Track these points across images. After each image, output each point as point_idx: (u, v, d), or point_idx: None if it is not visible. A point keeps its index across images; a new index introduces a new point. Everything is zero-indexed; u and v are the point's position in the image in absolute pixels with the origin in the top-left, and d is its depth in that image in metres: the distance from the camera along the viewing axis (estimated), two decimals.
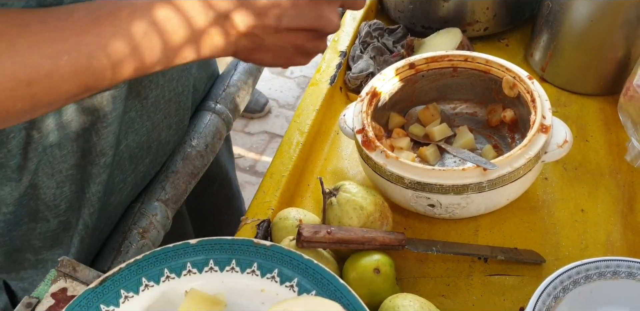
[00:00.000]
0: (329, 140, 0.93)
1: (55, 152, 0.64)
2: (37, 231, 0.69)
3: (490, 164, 0.68)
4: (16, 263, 0.71)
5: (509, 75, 0.80)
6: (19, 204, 0.65)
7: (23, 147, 0.61)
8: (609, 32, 0.88)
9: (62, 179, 0.66)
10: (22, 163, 0.62)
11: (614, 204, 0.80)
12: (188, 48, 0.52)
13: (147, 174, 0.78)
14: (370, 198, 0.72)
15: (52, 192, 0.66)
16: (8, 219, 0.65)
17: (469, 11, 1.00)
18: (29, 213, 0.67)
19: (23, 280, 0.74)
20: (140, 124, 0.72)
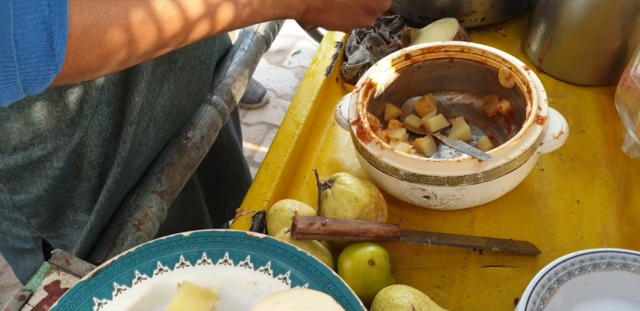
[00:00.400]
0: (325, 131, 0.93)
1: (104, 109, 0.67)
2: (79, 190, 0.72)
3: (485, 156, 0.68)
4: (57, 221, 0.75)
5: (505, 66, 0.80)
6: (67, 160, 0.68)
7: (79, 104, 0.64)
8: (606, 23, 0.87)
9: (107, 137, 0.69)
10: (77, 119, 0.65)
11: (609, 196, 0.79)
12: (267, 6, 0.56)
13: (163, 140, 0.80)
14: (365, 190, 0.72)
15: (97, 150, 0.69)
16: (56, 175, 0.68)
17: (466, 1, 0.99)
18: (74, 171, 0.70)
19: (62, 237, 0.77)
20: (167, 88, 0.74)
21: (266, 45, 1.04)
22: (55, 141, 0.65)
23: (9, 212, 0.72)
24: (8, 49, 0.42)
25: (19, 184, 0.68)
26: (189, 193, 0.89)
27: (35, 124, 0.63)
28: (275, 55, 2.56)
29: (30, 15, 0.42)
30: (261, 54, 1.02)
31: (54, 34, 0.43)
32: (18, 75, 0.43)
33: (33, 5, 0.42)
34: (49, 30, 0.43)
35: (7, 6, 0.41)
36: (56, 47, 0.44)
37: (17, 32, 0.42)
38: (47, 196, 0.70)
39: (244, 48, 0.97)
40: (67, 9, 0.43)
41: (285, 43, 2.59)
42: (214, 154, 0.93)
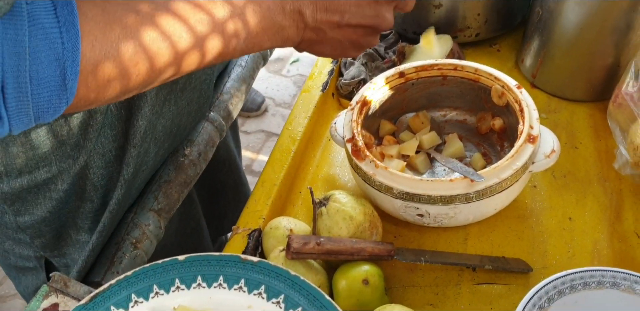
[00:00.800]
0: (321, 146, 0.94)
1: (108, 132, 0.69)
2: (81, 210, 0.73)
3: (477, 176, 0.69)
4: (60, 240, 0.76)
5: (498, 84, 0.81)
6: (72, 182, 0.69)
7: (84, 128, 0.66)
8: (598, 40, 0.89)
9: (110, 159, 0.71)
10: (81, 142, 0.67)
11: (601, 212, 0.80)
12: (265, 38, 0.59)
13: (162, 158, 0.81)
14: (359, 208, 0.73)
15: (100, 172, 0.71)
16: (60, 197, 0.70)
17: (460, 17, 1.01)
18: (77, 192, 0.71)
19: (65, 256, 0.78)
20: (168, 109, 0.75)
21: (263, 60, 1.05)
22: (60, 164, 0.67)
23: (12, 232, 0.73)
24: (23, 85, 0.44)
25: (23, 206, 0.69)
26: (186, 207, 0.90)
27: (40, 148, 0.64)
28: (274, 63, 2.57)
29: (44, 52, 0.44)
30: (258, 70, 1.03)
31: (67, 70, 0.45)
32: (31, 108, 0.45)
33: (47, 43, 0.44)
34: (62, 66, 0.45)
35: (23, 45, 0.43)
36: (68, 82, 0.46)
37: (32, 69, 0.44)
38: (51, 217, 0.71)
39: (241, 64, 0.98)
40: (79, 46, 0.45)
41: (284, 52, 2.60)
42: (212, 168, 0.95)
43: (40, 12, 0.44)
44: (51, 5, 0.45)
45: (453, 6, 0.99)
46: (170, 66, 0.53)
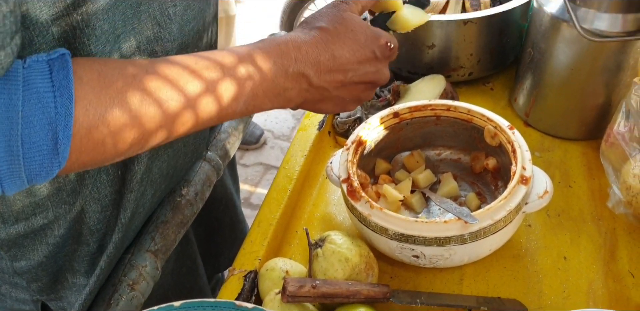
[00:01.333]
0: (318, 185, 0.95)
1: (104, 177, 0.69)
2: (78, 253, 0.73)
3: (471, 218, 0.70)
4: (57, 284, 0.76)
5: (490, 125, 0.82)
6: (68, 227, 0.70)
7: (81, 174, 0.66)
8: (589, 80, 0.90)
9: (106, 203, 0.71)
10: (78, 187, 0.67)
11: (595, 252, 0.81)
12: (266, 100, 0.59)
13: (159, 199, 0.82)
14: (355, 249, 0.73)
15: (96, 217, 0.71)
16: (57, 242, 0.70)
17: (453, 57, 1.03)
18: (74, 236, 0.71)
19: (61, 299, 0.78)
20: (164, 151, 0.76)
21: None
22: (57, 210, 0.67)
23: (9, 277, 0.73)
24: (15, 149, 0.45)
25: (19, 252, 0.70)
26: (183, 247, 0.90)
27: (37, 195, 0.65)
28: None
29: (37, 116, 0.45)
30: None
31: (59, 134, 0.46)
32: (23, 171, 0.46)
33: (41, 107, 0.45)
34: (54, 130, 0.46)
35: (16, 109, 0.44)
36: (60, 146, 0.46)
37: (24, 132, 0.45)
38: (48, 261, 0.71)
39: None
40: (72, 110, 0.46)
41: None
42: (209, 206, 0.95)
43: (35, 76, 0.45)
44: (47, 69, 0.46)
45: (446, 47, 1.01)
46: (164, 130, 0.53)
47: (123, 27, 0.57)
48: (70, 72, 0.46)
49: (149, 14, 0.60)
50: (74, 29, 0.52)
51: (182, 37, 0.66)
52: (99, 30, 0.53)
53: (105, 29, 0.54)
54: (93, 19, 0.52)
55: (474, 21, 0.98)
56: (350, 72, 0.63)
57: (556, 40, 0.88)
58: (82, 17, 0.51)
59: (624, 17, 0.83)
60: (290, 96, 0.61)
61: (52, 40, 0.51)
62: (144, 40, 0.61)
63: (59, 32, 0.51)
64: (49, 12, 0.49)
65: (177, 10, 0.63)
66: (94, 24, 0.52)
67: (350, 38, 0.62)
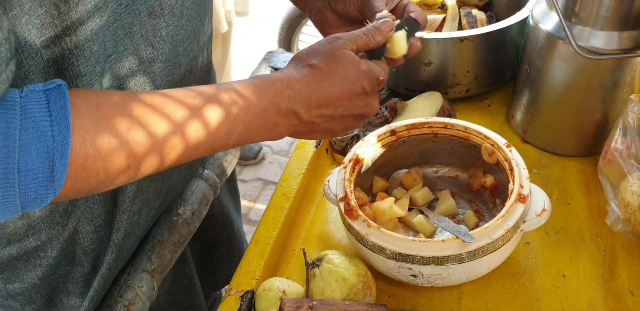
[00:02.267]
0: (315, 202, 0.95)
1: (96, 198, 0.69)
2: (72, 275, 0.73)
3: (469, 237, 0.69)
4: (52, 305, 0.75)
5: (488, 142, 0.82)
6: (61, 248, 0.69)
7: None
8: (585, 97, 0.90)
9: (99, 224, 0.71)
10: (70, 208, 0.67)
11: (595, 269, 0.80)
12: (258, 134, 0.61)
13: (154, 217, 0.81)
14: (353, 269, 0.73)
15: (90, 237, 0.71)
16: (50, 264, 0.70)
17: (450, 75, 1.03)
18: (67, 258, 0.71)
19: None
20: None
21: None
22: (50, 231, 0.67)
23: (2, 300, 0.73)
24: (11, 176, 0.45)
25: (13, 274, 0.69)
26: (179, 265, 0.90)
27: (29, 216, 0.65)
28: None
29: (34, 145, 0.46)
30: None
31: (55, 163, 0.46)
32: (17, 198, 0.46)
33: (38, 135, 0.46)
34: (51, 159, 0.46)
35: (14, 138, 0.45)
36: (56, 174, 0.47)
37: (21, 161, 0.45)
38: (41, 283, 0.71)
39: None
40: (69, 139, 0.47)
41: None
42: (206, 224, 0.95)
43: (33, 105, 0.46)
44: (44, 99, 0.47)
45: (443, 64, 1.01)
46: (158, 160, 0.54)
47: (114, 47, 0.58)
48: (67, 102, 0.47)
49: (142, 35, 0.60)
50: (63, 50, 0.52)
51: (176, 57, 0.67)
52: (87, 51, 0.53)
53: (95, 49, 0.54)
54: (82, 40, 0.52)
55: (471, 39, 0.98)
56: (340, 107, 0.65)
57: (552, 57, 0.89)
58: (71, 38, 0.52)
59: (619, 35, 0.83)
60: (280, 131, 0.63)
61: (41, 61, 0.52)
62: (136, 60, 0.61)
63: (48, 54, 0.52)
64: (39, 35, 0.49)
65: (169, 31, 0.63)
66: (82, 45, 0.53)
67: (341, 75, 0.64)
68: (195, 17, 0.68)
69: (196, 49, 0.71)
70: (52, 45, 0.51)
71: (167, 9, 0.62)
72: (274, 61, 1.17)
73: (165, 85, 0.67)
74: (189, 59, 0.70)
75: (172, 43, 0.65)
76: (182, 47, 0.67)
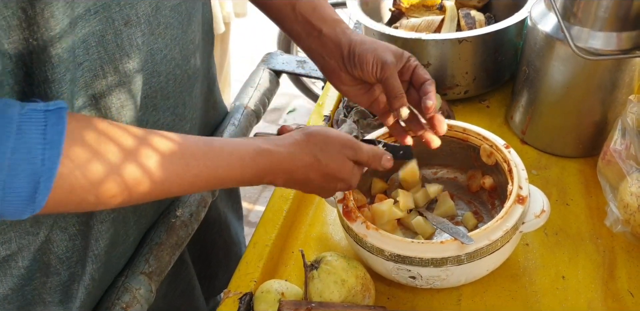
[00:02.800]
0: (314, 204, 0.94)
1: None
2: (48, 285, 0.71)
3: (468, 238, 0.69)
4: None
5: (486, 143, 0.82)
6: (33, 258, 0.67)
7: None
8: (584, 98, 0.90)
9: (73, 232, 0.69)
10: (41, 217, 0.66)
11: (594, 271, 0.80)
12: (231, 185, 0.63)
13: (148, 223, 0.81)
14: (351, 271, 0.73)
15: (64, 245, 0.69)
16: (22, 274, 0.68)
17: (449, 76, 1.03)
18: (41, 268, 0.69)
19: None
20: None
21: (256, 118, 1.07)
22: (20, 241, 0.65)
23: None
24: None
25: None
26: (177, 269, 0.89)
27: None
28: (271, 113, 2.60)
29: (22, 166, 0.46)
30: (252, 128, 1.05)
31: (40, 185, 0.47)
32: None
33: (28, 158, 0.46)
34: (36, 181, 0.47)
35: (5, 156, 0.46)
36: (38, 196, 0.47)
37: (8, 179, 0.46)
38: (14, 294, 0.68)
39: (234, 123, 1.00)
40: (57, 165, 0.47)
41: (280, 101, 2.64)
42: (203, 228, 0.94)
43: (29, 127, 0.47)
44: (42, 121, 0.47)
45: (441, 65, 1.01)
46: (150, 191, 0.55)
47: (85, 55, 0.57)
48: (64, 129, 0.48)
49: (117, 44, 0.60)
50: (31, 54, 0.52)
51: (154, 66, 0.66)
52: (56, 58, 0.53)
53: (64, 56, 0.54)
54: (49, 46, 0.52)
55: (469, 40, 0.98)
56: (318, 188, 0.70)
57: (551, 58, 0.88)
58: (39, 43, 0.52)
59: (618, 36, 0.83)
60: (267, 180, 0.66)
61: (10, 63, 0.52)
62: (111, 69, 0.60)
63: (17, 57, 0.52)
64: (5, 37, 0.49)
65: (145, 40, 0.63)
66: (50, 51, 0.52)
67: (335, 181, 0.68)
68: (175, 25, 0.67)
69: (179, 57, 0.70)
70: (21, 48, 0.51)
71: (144, 18, 0.61)
72: (273, 63, 1.17)
73: (144, 94, 0.67)
74: (170, 68, 0.69)
75: (149, 52, 0.64)
76: (161, 55, 0.66)
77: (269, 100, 1.10)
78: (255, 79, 1.12)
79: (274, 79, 1.15)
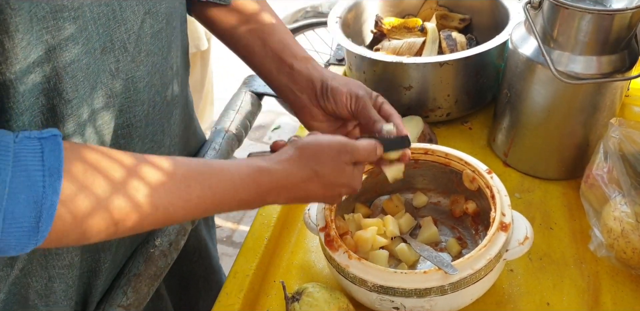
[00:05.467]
0: (296, 231, 0.93)
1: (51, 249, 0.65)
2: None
3: (451, 268, 0.68)
4: None
5: (469, 169, 0.81)
6: (9, 291, 0.65)
7: None
8: (566, 120, 0.90)
9: (54, 274, 0.67)
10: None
11: (579, 296, 0.79)
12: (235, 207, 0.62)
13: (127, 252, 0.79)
14: (334, 302, 0.71)
15: (44, 282, 0.67)
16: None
17: (431, 98, 1.02)
18: (19, 301, 0.67)
19: None
20: None
21: (238, 142, 1.05)
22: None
23: None
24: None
25: None
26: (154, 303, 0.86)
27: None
28: (255, 131, 2.58)
29: (24, 194, 0.45)
30: (233, 152, 1.03)
31: (43, 213, 0.46)
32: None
33: (29, 185, 0.45)
34: (39, 209, 0.46)
35: (4, 184, 0.44)
36: (42, 226, 0.46)
37: (8, 208, 0.45)
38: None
39: (214, 147, 0.98)
40: (59, 190, 0.46)
41: (265, 119, 2.63)
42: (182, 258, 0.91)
43: (26, 153, 0.46)
44: (38, 148, 0.46)
45: (423, 88, 1.01)
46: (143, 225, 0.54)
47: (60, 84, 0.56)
48: (61, 154, 0.47)
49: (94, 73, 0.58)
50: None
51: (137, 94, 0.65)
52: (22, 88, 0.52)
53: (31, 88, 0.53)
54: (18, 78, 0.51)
55: (450, 63, 0.98)
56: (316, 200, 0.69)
57: (532, 81, 0.88)
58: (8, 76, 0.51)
59: (598, 59, 0.83)
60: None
61: None
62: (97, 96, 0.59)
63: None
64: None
65: (120, 66, 0.61)
66: (17, 84, 0.52)
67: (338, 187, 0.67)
68: (155, 52, 0.66)
69: (159, 83, 0.69)
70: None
71: (118, 44, 0.59)
72: (254, 85, 1.16)
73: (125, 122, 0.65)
74: (151, 95, 0.68)
75: (130, 79, 0.63)
76: (143, 83, 0.65)
77: (250, 123, 1.09)
78: (236, 102, 1.10)
79: (256, 101, 1.14)
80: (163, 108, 0.73)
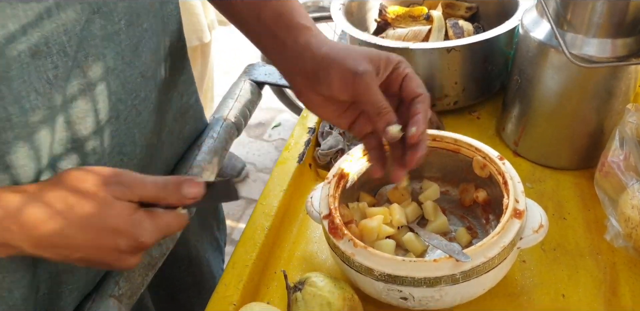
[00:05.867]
0: (298, 221, 0.89)
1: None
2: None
3: (464, 256, 0.64)
4: None
5: (479, 155, 0.78)
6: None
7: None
8: (579, 107, 0.87)
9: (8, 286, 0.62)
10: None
11: (595, 288, 0.76)
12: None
13: None
14: (338, 292, 0.68)
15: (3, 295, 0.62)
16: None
17: (438, 86, 0.99)
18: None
19: None
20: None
21: (237, 131, 1.02)
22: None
23: None
24: None
25: None
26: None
27: None
28: (255, 128, 2.55)
29: None
30: (232, 141, 1.00)
31: None
32: None
33: None
34: None
35: None
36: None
37: None
38: None
39: (212, 136, 0.95)
40: None
41: (265, 116, 2.59)
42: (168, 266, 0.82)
43: None
44: None
45: (430, 75, 0.97)
46: None
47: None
48: None
49: (24, 80, 0.51)
50: None
51: (86, 103, 0.57)
52: None
53: None
54: None
55: (458, 49, 0.95)
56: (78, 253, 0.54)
57: (544, 66, 0.85)
58: None
59: (613, 42, 0.80)
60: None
61: None
62: (17, 110, 0.51)
63: None
64: None
65: (59, 73, 0.53)
66: None
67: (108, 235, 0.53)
68: (112, 56, 0.58)
69: (120, 90, 0.60)
70: None
71: (56, 48, 0.51)
72: (255, 74, 1.13)
73: (75, 136, 0.58)
74: (111, 103, 0.60)
75: (66, 87, 0.55)
76: (95, 91, 0.57)
77: (250, 112, 1.05)
78: (235, 91, 1.07)
79: (256, 90, 1.10)
80: (131, 117, 0.65)
